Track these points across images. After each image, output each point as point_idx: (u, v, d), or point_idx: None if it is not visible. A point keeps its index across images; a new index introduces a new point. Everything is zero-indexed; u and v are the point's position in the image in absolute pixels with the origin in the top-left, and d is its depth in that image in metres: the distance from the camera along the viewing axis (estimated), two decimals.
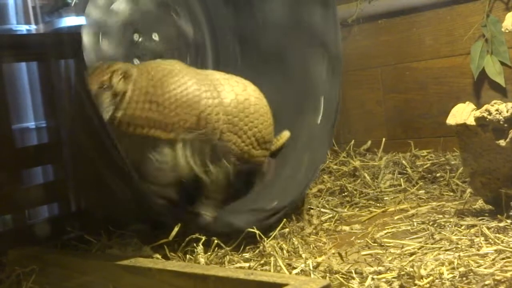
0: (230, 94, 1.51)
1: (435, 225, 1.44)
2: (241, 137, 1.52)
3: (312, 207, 1.70)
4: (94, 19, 1.61)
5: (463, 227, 1.38)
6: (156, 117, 1.39)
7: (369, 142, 2.32)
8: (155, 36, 1.76)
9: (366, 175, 1.95)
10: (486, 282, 1.04)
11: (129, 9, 1.69)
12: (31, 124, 1.64)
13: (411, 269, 1.12)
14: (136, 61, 1.72)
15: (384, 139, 2.23)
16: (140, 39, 1.70)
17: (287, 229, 1.48)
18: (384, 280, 1.11)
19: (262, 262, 1.28)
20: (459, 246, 1.26)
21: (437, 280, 1.08)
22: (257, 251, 1.36)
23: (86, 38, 1.58)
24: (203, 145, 1.46)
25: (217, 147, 1.48)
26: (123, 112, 1.37)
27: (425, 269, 1.12)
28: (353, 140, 2.31)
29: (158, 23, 1.78)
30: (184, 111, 1.41)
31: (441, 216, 1.51)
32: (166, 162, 1.41)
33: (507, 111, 1.35)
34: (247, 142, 1.53)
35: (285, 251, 1.34)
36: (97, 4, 1.62)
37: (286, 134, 1.71)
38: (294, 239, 1.41)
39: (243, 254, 1.37)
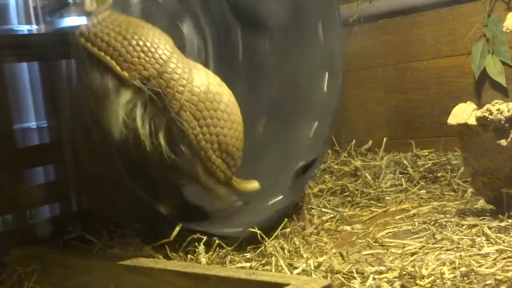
0: (203, 79, 1.42)
1: (436, 225, 1.44)
2: (202, 127, 1.39)
3: (313, 207, 1.70)
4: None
5: (464, 227, 1.38)
6: (117, 48, 1.32)
7: (370, 142, 2.32)
8: None
9: (367, 175, 1.95)
10: (488, 282, 1.04)
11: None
12: (32, 124, 1.64)
13: (412, 269, 1.12)
14: None
15: (385, 139, 2.23)
16: None
17: (288, 229, 1.48)
18: (385, 280, 1.11)
19: (263, 262, 1.28)
20: (460, 246, 1.26)
21: (438, 280, 1.08)
22: (258, 251, 1.36)
23: None
24: (157, 112, 1.36)
25: (172, 122, 1.37)
26: (88, 27, 1.31)
27: (426, 269, 1.12)
28: (354, 140, 2.31)
29: (151, 16, 1.76)
30: (147, 59, 1.33)
31: (442, 216, 1.51)
32: (103, 93, 1.31)
33: (508, 111, 1.35)
34: (207, 137, 1.40)
35: (286, 251, 1.34)
36: None
37: (255, 185, 1.53)
38: (295, 239, 1.41)
39: (245, 254, 1.37)
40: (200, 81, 1.41)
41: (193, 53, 1.84)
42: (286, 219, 1.52)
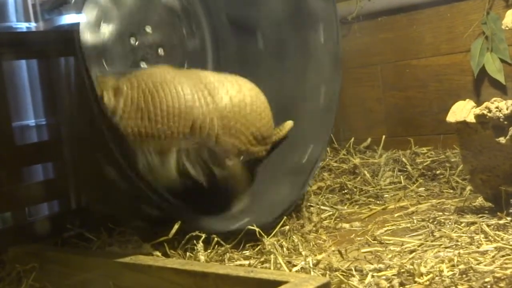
0: (225, 98, 1.50)
1: (435, 222, 1.44)
2: (238, 138, 1.51)
3: (312, 204, 1.70)
4: (92, 43, 1.59)
5: (463, 225, 1.38)
6: (150, 132, 1.39)
7: (369, 140, 2.32)
8: (148, 28, 1.74)
9: (366, 172, 1.95)
10: (486, 279, 1.04)
11: (118, 16, 1.66)
12: (31, 122, 1.64)
13: (411, 267, 1.12)
14: (143, 65, 1.71)
15: (384, 137, 2.23)
16: (137, 42, 1.69)
17: (287, 227, 1.48)
18: (384, 277, 1.11)
19: (262, 259, 1.28)
20: (459, 243, 1.26)
21: (437, 278, 1.09)
22: (257, 248, 1.36)
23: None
24: (199, 151, 1.47)
25: (214, 152, 1.49)
26: (120, 118, 1.37)
27: (425, 267, 1.12)
28: (353, 138, 2.31)
29: (147, 15, 1.76)
30: (177, 122, 1.41)
31: (441, 213, 1.51)
32: (157, 168, 1.42)
33: (507, 109, 1.35)
34: (244, 141, 1.52)
35: (285, 249, 1.34)
36: (89, 25, 1.59)
37: (288, 124, 1.70)
38: (294, 236, 1.41)
39: (243, 252, 1.37)
40: (224, 102, 1.50)
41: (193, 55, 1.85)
42: (285, 217, 1.53)
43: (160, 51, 1.77)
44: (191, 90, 1.45)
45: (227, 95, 1.51)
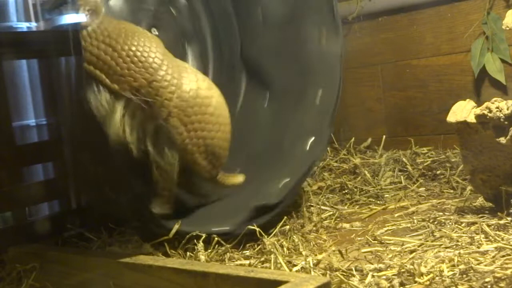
0: (192, 84, 1.43)
1: (435, 222, 1.44)
2: (189, 132, 1.41)
3: (312, 204, 1.70)
4: None
5: (463, 225, 1.38)
6: (107, 61, 1.34)
7: (370, 140, 2.32)
8: (154, 31, 1.73)
9: (366, 172, 1.95)
10: (486, 280, 1.04)
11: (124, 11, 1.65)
12: (32, 122, 1.64)
13: (411, 267, 1.12)
14: None
15: (384, 137, 2.23)
16: None
17: (287, 226, 1.48)
18: (384, 277, 1.11)
19: (262, 259, 1.28)
20: (459, 243, 1.26)
21: (437, 278, 1.09)
22: (257, 248, 1.37)
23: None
24: (145, 119, 1.38)
25: (160, 128, 1.39)
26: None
27: (425, 267, 1.12)
28: (353, 138, 2.31)
29: (156, 19, 1.75)
30: (137, 69, 1.36)
31: (441, 213, 1.51)
32: (102, 110, 1.34)
33: (507, 109, 1.35)
34: (193, 141, 1.42)
35: (285, 249, 1.34)
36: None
37: (239, 178, 1.57)
38: (294, 236, 1.41)
39: (244, 252, 1.37)
40: (189, 86, 1.42)
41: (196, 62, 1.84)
42: (285, 217, 1.53)
43: None
44: (164, 57, 1.41)
45: (195, 84, 1.44)
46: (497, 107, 1.35)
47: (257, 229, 1.37)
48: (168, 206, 1.43)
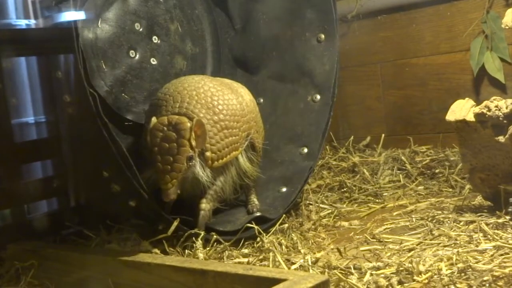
0: (246, 96, 1.54)
1: (434, 221, 1.44)
2: (260, 135, 1.55)
3: (311, 202, 1.70)
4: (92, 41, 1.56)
5: (461, 223, 1.38)
6: (232, 140, 1.43)
7: (368, 138, 2.32)
8: (155, 39, 1.71)
9: (365, 171, 1.95)
10: (485, 278, 1.04)
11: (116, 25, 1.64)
12: (30, 119, 1.64)
13: (410, 265, 1.12)
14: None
15: (383, 135, 2.23)
16: (136, 56, 1.65)
17: (286, 225, 1.48)
18: (382, 275, 1.12)
19: (261, 257, 1.28)
20: (457, 242, 1.26)
21: (435, 276, 1.09)
22: (256, 246, 1.37)
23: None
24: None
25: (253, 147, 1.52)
26: (210, 151, 1.39)
27: (423, 265, 1.12)
28: (352, 136, 2.31)
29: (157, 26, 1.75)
30: (240, 123, 1.46)
31: (440, 212, 1.51)
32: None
33: (506, 108, 1.35)
34: (261, 142, 1.56)
35: (284, 247, 1.34)
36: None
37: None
38: (293, 234, 1.41)
39: (242, 250, 1.37)
40: (247, 98, 1.54)
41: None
42: (284, 215, 1.53)
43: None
44: (229, 90, 1.50)
45: (247, 95, 1.56)
46: (496, 106, 1.35)
47: (256, 227, 1.37)
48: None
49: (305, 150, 1.69)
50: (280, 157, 1.72)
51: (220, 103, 1.44)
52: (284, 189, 1.64)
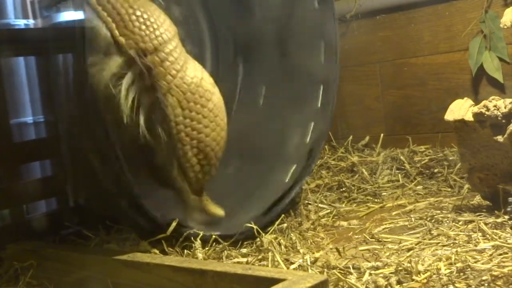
0: (197, 73, 1.39)
1: (433, 220, 1.44)
2: (185, 118, 1.34)
3: (310, 202, 1.70)
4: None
5: (460, 223, 1.38)
6: (120, 12, 1.30)
7: (367, 138, 2.32)
8: None
9: (364, 170, 1.95)
10: (484, 278, 1.04)
11: None
12: (29, 119, 1.64)
13: (409, 265, 1.12)
14: None
15: (382, 135, 2.23)
16: None
17: (285, 224, 1.48)
18: (381, 275, 1.12)
19: (260, 257, 1.28)
20: (456, 241, 1.26)
21: (434, 276, 1.09)
22: (254, 246, 1.37)
23: None
24: (144, 89, 1.32)
25: (156, 103, 1.32)
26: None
27: (422, 265, 1.12)
28: (351, 136, 2.31)
29: None
30: (147, 33, 1.31)
31: (438, 211, 1.52)
32: (103, 63, 1.29)
33: (505, 107, 1.35)
34: (187, 130, 1.35)
35: (283, 246, 1.34)
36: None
37: (220, 211, 1.49)
38: (292, 234, 1.41)
39: (241, 249, 1.37)
40: (194, 73, 1.38)
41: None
42: (283, 215, 1.53)
43: None
44: (177, 42, 1.38)
45: (201, 74, 1.40)
46: (495, 106, 1.36)
47: (255, 227, 1.37)
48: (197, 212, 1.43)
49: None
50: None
51: (148, 3, 1.36)
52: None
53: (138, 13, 1.32)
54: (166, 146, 1.36)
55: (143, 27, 1.32)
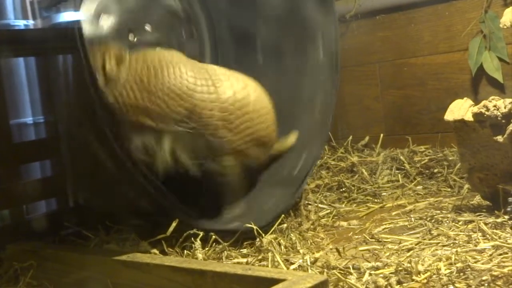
0: (228, 91, 1.49)
1: (433, 220, 1.44)
2: (236, 135, 1.48)
3: (310, 202, 1.70)
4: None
5: (460, 223, 1.38)
6: (147, 106, 1.37)
7: (367, 138, 2.32)
8: (147, 27, 1.72)
9: (364, 170, 1.95)
10: (484, 278, 1.04)
11: (118, 10, 1.64)
12: (29, 120, 1.64)
13: (409, 265, 1.12)
14: None
15: (382, 135, 2.23)
16: (135, 39, 1.67)
17: (285, 225, 1.48)
18: (381, 275, 1.12)
19: (259, 257, 1.28)
20: (456, 241, 1.26)
21: (434, 276, 1.09)
22: (254, 246, 1.36)
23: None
24: (194, 139, 1.43)
25: (209, 143, 1.45)
26: (114, 99, 1.36)
27: (422, 265, 1.12)
28: (351, 136, 2.31)
29: (148, 14, 1.75)
30: (176, 103, 1.40)
31: (438, 211, 1.52)
32: (151, 150, 1.39)
33: (505, 107, 1.35)
34: (243, 140, 1.49)
35: (282, 247, 1.34)
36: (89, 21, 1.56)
37: (293, 136, 1.66)
38: (291, 234, 1.41)
39: (241, 250, 1.37)
40: (227, 95, 1.48)
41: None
42: (283, 215, 1.53)
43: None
44: (195, 75, 1.44)
45: (231, 89, 1.49)
46: (495, 106, 1.36)
47: (255, 227, 1.37)
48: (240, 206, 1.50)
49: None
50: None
51: (159, 69, 1.41)
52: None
53: (159, 93, 1.39)
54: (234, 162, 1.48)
55: (170, 101, 1.40)
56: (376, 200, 1.73)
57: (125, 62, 1.38)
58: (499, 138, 1.37)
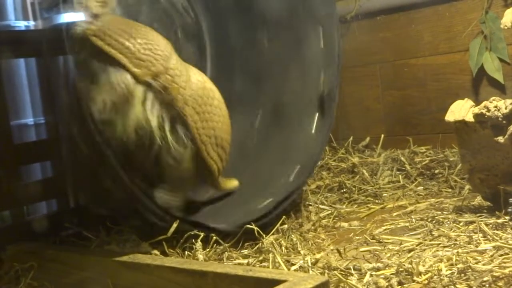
0: (199, 77, 1.48)
1: (434, 221, 1.44)
2: (202, 121, 1.45)
3: (310, 203, 1.70)
4: None
5: (461, 224, 1.38)
6: (126, 45, 1.35)
7: (368, 139, 2.32)
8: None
9: (364, 171, 1.95)
10: (485, 279, 1.04)
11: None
12: (30, 120, 1.64)
13: (410, 266, 1.12)
14: None
15: (382, 136, 2.23)
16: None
17: (285, 226, 1.48)
18: (382, 276, 1.12)
19: (260, 258, 1.28)
20: (457, 242, 1.26)
21: (435, 277, 1.09)
22: (255, 247, 1.36)
23: None
24: (164, 106, 1.40)
25: (178, 116, 1.41)
26: (95, 28, 1.34)
27: (423, 266, 1.12)
28: (351, 137, 2.31)
29: (147, 15, 1.74)
30: (154, 55, 1.38)
31: (439, 212, 1.51)
32: (125, 94, 1.35)
33: (505, 108, 1.35)
34: (206, 131, 1.45)
35: (283, 248, 1.34)
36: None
37: (234, 182, 1.62)
38: (292, 235, 1.41)
39: (242, 251, 1.37)
40: (197, 78, 1.48)
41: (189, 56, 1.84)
42: (284, 216, 1.53)
43: None
44: (173, 52, 1.44)
45: (201, 78, 1.49)
46: (495, 106, 1.36)
47: (255, 228, 1.37)
48: (175, 198, 1.46)
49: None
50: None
51: (144, 27, 1.41)
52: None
53: (139, 40, 1.38)
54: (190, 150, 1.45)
55: (148, 52, 1.38)
56: (377, 201, 1.73)
57: (110, 5, 1.36)
58: (500, 139, 1.37)
